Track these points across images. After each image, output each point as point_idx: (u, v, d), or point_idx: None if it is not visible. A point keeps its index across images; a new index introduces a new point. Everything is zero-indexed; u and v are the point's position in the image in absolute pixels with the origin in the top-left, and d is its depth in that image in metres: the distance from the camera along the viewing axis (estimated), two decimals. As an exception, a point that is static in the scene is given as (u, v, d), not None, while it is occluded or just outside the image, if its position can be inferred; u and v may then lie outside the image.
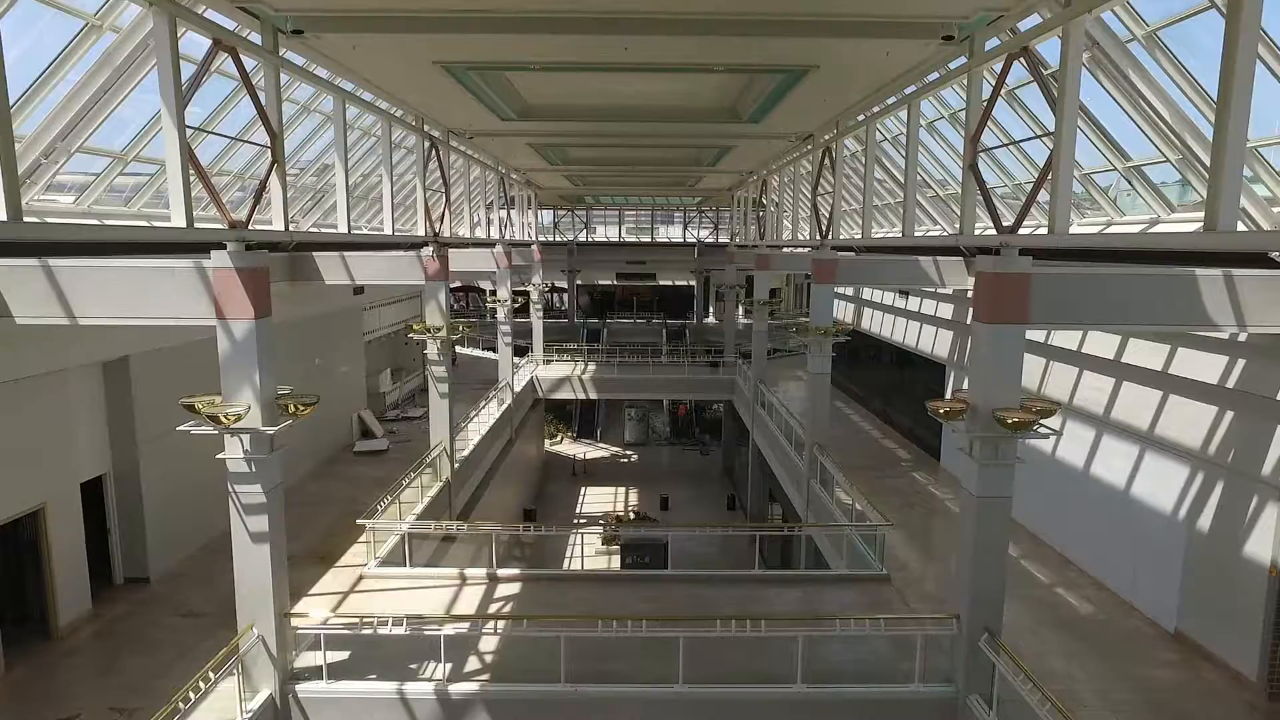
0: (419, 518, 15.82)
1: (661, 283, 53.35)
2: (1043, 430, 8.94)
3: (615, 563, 18.06)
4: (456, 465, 19.19)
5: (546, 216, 50.19)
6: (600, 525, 28.84)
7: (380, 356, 25.61)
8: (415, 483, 16.51)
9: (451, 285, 59.69)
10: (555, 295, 55.31)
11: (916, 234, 21.56)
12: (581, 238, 50.54)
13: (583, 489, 34.33)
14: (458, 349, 40.20)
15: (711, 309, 53.52)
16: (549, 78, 13.70)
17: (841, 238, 17.57)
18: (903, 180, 20.47)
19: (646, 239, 51.83)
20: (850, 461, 18.72)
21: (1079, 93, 8.03)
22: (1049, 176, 8.30)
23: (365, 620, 10.51)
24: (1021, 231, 9.01)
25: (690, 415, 43.91)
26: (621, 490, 34.24)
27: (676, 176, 30.27)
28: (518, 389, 29.63)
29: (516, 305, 27.09)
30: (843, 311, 32.72)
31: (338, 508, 16.93)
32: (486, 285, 47.26)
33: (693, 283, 51.48)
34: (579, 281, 50.98)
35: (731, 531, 18.63)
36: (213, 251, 8.83)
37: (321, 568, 13.82)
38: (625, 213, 51.56)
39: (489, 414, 24.44)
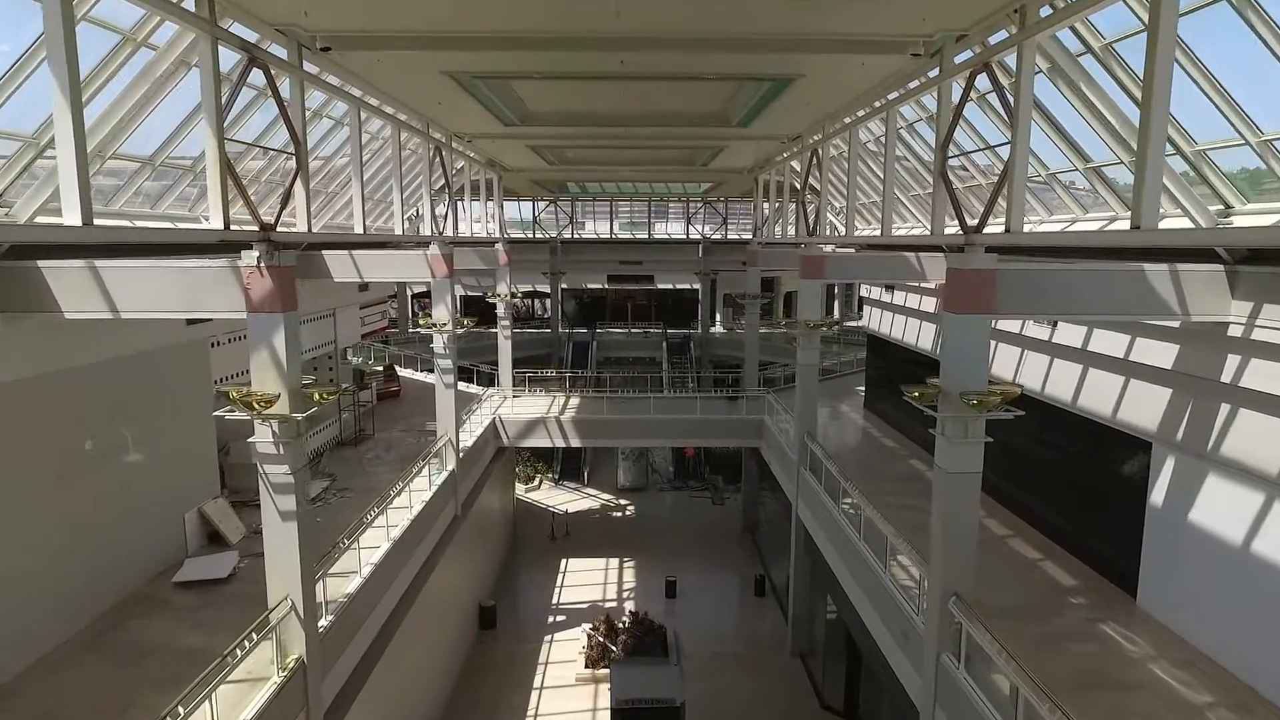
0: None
1: (660, 286, 45.66)
2: None
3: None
4: (328, 623, 11.12)
5: (527, 209, 42.24)
6: (585, 631, 20.86)
7: (256, 409, 17.44)
8: (250, 659, 8.52)
9: (415, 292, 49.72)
10: (537, 301, 47.31)
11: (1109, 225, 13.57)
12: (567, 234, 42.56)
13: (563, 562, 26.23)
14: (402, 373, 31.84)
15: (718, 316, 45.43)
16: None
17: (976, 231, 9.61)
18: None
19: (643, 235, 44.19)
20: (983, 595, 10.69)
21: None
22: None
23: None
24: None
25: (699, 452, 35.80)
26: (614, 564, 26.15)
27: (687, 148, 22.10)
28: (474, 438, 21.58)
29: (461, 329, 18.97)
30: (872, 322, 24.48)
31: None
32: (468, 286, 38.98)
33: (697, 286, 43.54)
34: (564, 285, 42.95)
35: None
36: None
37: None
38: (618, 205, 43.66)
39: (416, 491, 16.37)
